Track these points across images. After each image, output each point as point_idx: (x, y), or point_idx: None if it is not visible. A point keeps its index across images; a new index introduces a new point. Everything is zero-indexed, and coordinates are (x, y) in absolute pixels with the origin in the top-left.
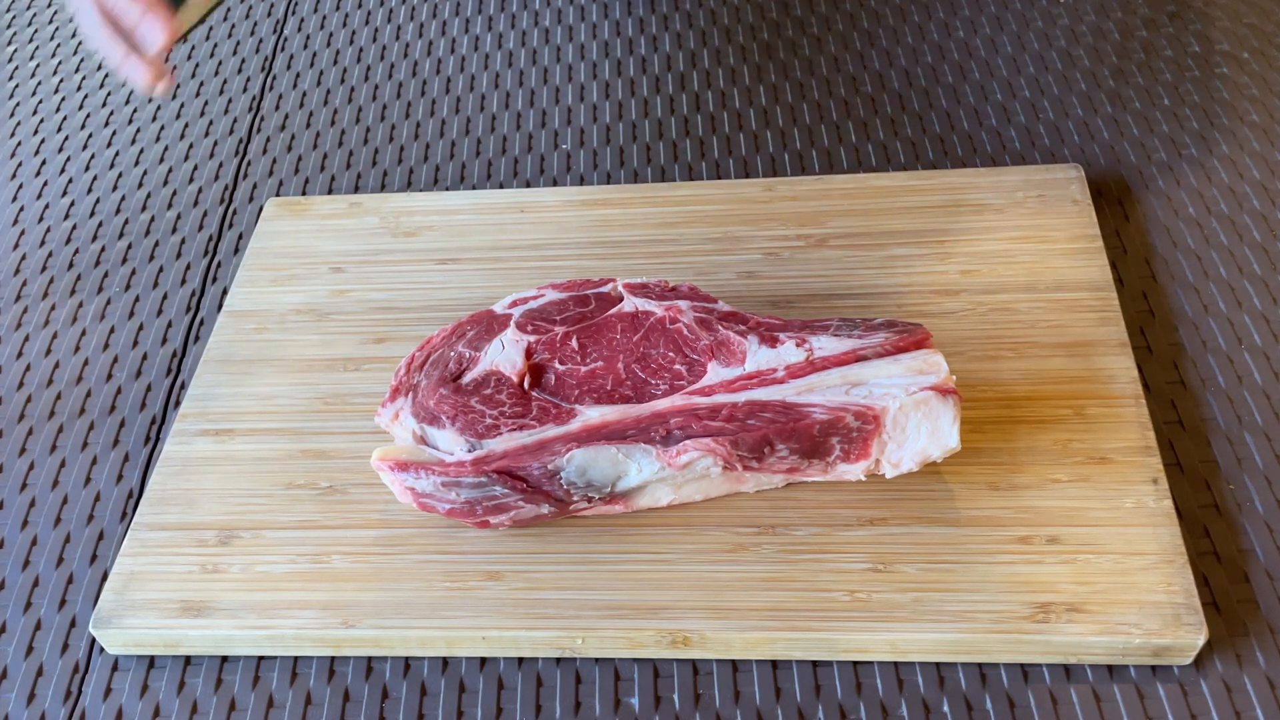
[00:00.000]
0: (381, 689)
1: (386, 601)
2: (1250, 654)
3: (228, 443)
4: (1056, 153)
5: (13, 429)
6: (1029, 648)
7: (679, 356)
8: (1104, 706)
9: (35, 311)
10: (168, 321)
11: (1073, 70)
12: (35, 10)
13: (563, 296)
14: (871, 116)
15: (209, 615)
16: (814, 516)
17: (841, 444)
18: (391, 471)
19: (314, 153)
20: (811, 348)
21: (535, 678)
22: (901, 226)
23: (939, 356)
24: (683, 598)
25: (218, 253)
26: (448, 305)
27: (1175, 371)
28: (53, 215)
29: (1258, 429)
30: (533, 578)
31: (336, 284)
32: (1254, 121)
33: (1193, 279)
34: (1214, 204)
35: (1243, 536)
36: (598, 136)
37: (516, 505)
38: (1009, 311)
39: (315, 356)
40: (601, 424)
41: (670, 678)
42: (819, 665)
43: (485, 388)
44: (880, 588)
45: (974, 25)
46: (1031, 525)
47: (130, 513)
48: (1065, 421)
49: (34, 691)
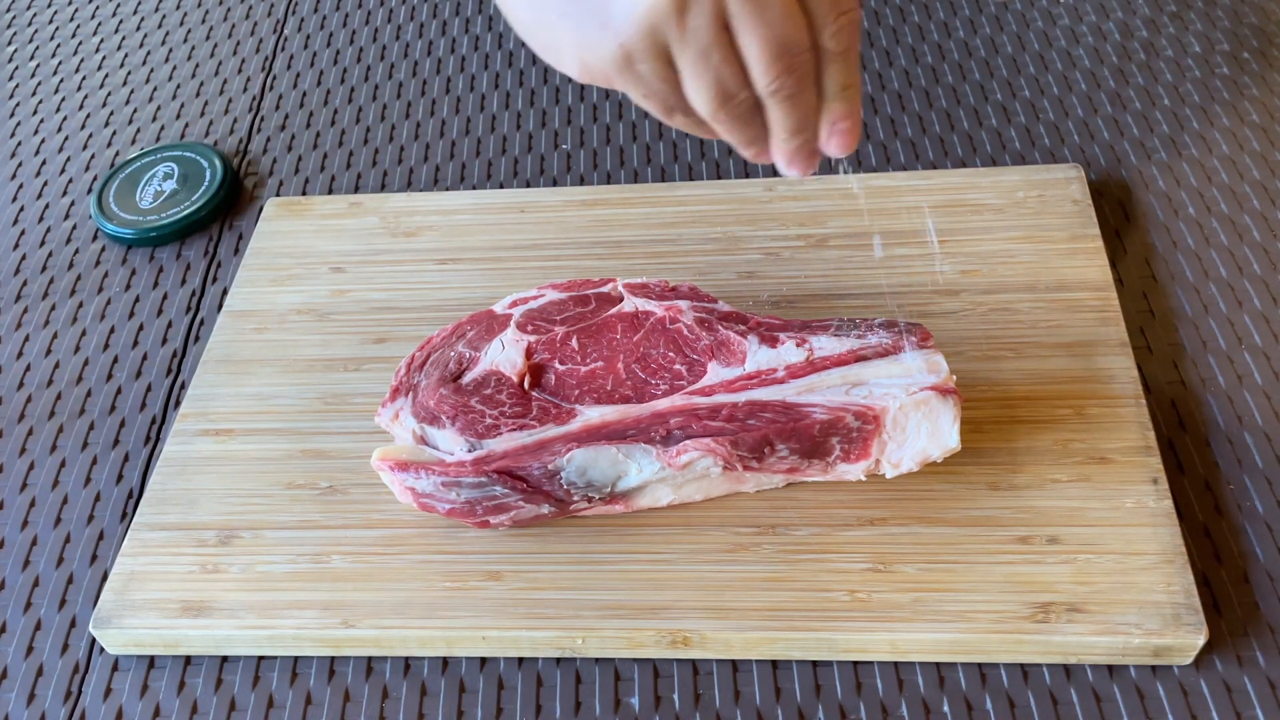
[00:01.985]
0: (381, 689)
1: (386, 601)
2: (1250, 654)
3: (228, 443)
4: (1056, 153)
5: (13, 429)
6: (1029, 648)
7: (679, 356)
8: (1104, 706)
9: (35, 311)
10: (168, 321)
11: (1073, 70)
12: (35, 10)
13: (563, 296)
14: (871, 116)
15: (209, 615)
16: (814, 516)
17: (841, 444)
18: (391, 471)
19: (314, 153)
20: (811, 348)
21: (535, 678)
22: (901, 226)
23: (939, 356)
24: (683, 598)
25: (218, 253)
26: (448, 305)
27: (1175, 371)
28: (53, 215)
29: (1258, 429)
30: (533, 578)
31: (336, 284)
32: (1254, 121)
33: (1193, 279)
34: (1214, 204)
35: (1243, 537)
36: (598, 136)
37: (516, 505)
38: (1009, 311)
39: (315, 356)
40: (601, 424)
41: (670, 678)
42: (819, 665)
43: (485, 388)
44: (880, 588)
45: (974, 25)
46: (1031, 525)
47: (130, 513)
48: (1065, 421)
49: (34, 691)
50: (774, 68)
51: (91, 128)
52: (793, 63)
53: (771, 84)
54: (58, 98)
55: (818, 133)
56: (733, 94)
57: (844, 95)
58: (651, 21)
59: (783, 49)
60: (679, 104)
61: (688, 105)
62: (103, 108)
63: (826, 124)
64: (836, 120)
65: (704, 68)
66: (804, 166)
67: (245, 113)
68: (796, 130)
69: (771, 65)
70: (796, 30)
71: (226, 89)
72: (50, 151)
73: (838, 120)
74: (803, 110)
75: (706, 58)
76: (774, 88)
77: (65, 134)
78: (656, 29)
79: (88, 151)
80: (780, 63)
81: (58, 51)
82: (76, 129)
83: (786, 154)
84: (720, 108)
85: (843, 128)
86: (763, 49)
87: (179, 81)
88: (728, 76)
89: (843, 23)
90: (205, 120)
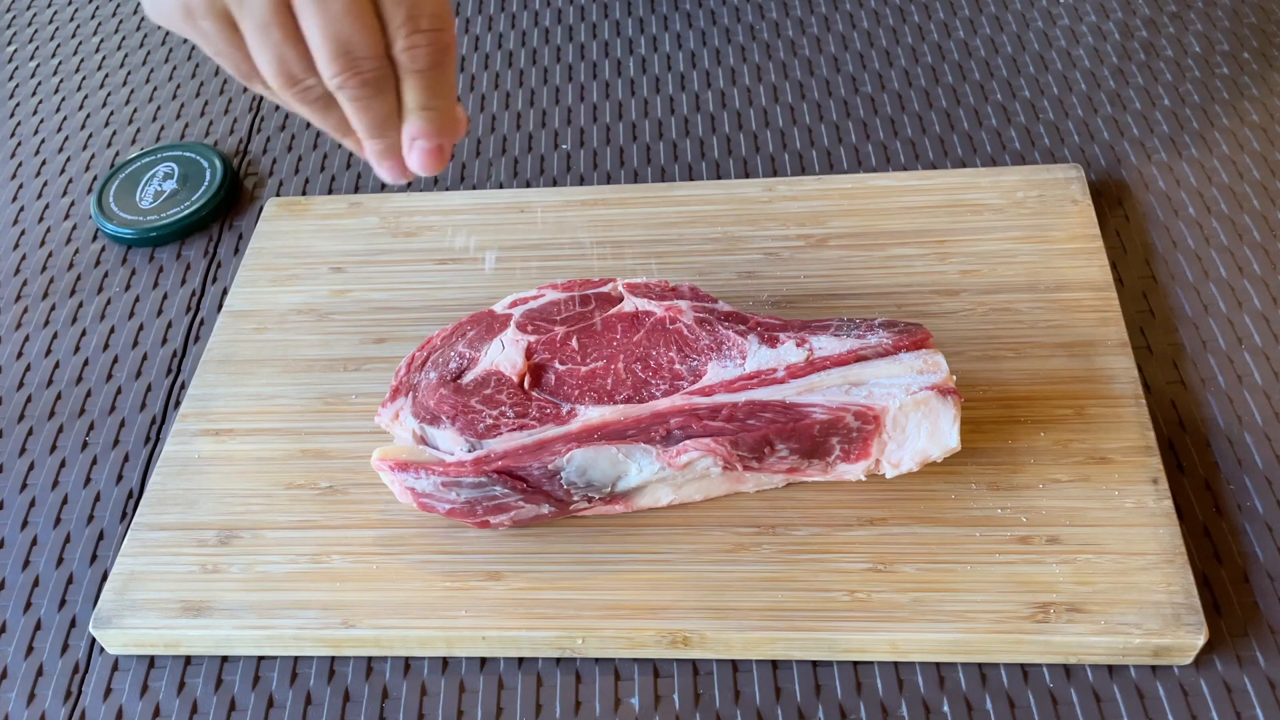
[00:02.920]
0: (381, 689)
1: (386, 601)
2: (1250, 654)
3: (228, 443)
4: (1056, 153)
5: (13, 429)
6: (1029, 648)
7: (679, 356)
8: (1104, 706)
9: (35, 311)
10: (168, 321)
11: (1073, 70)
12: (35, 10)
13: (563, 296)
14: (871, 116)
15: (209, 615)
16: (814, 516)
17: (841, 444)
18: (391, 471)
19: (314, 153)
20: (811, 348)
21: (535, 678)
22: (901, 226)
23: (939, 356)
24: (683, 598)
25: (218, 253)
26: (448, 305)
27: (1175, 371)
28: (53, 215)
29: (1258, 429)
30: (533, 578)
31: (336, 284)
32: (1254, 121)
33: (1193, 279)
34: (1214, 204)
35: (1243, 537)
36: (598, 136)
37: (516, 505)
38: (1009, 311)
39: (315, 356)
40: (601, 424)
41: (670, 678)
42: (819, 665)
43: (485, 388)
44: (880, 588)
45: (974, 25)
46: (1031, 525)
47: (130, 513)
48: (1065, 421)
49: (34, 691)
50: (334, 65)
51: (91, 128)
52: (355, 64)
53: (333, 79)
54: (58, 98)
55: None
56: (298, 77)
57: (422, 114)
58: None
59: (342, 48)
60: (251, 72)
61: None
62: (103, 108)
63: (406, 139)
64: (414, 137)
65: (264, 42)
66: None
67: (245, 113)
68: (373, 133)
69: (331, 62)
70: (360, 33)
71: (226, 89)
72: (50, 151)
73: (415, 137)
74: (376, 115)
75: (266, 32)
76: (336, 83)
77: (65, 134)
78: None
79: (88, 151)
80: (339, 61)
81: (58, 51)
82: (76, 129)
83: (370, 153)
84: (286, 87)
85: (422, 146)
86: (323, 41)
87: (179, 81)
88: (291, 58)
89: (416, 40)
90: (205, 120)
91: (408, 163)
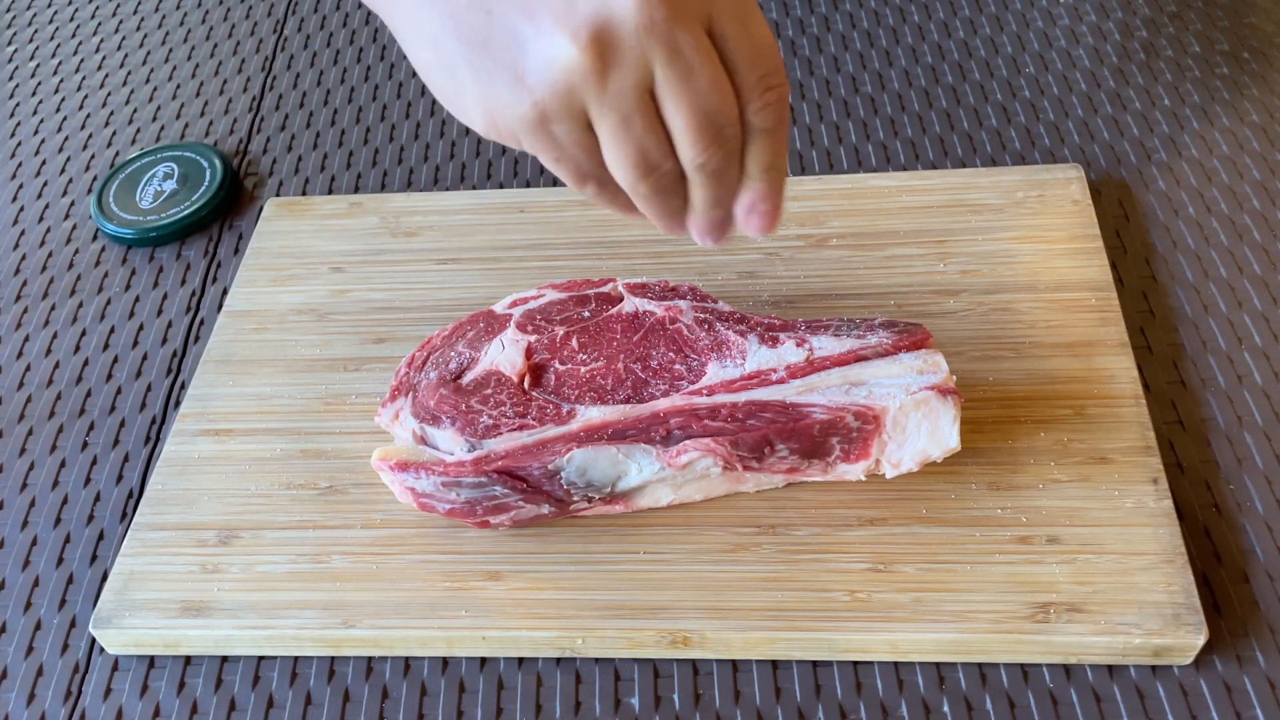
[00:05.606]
0: (381, 689)
1: (386, 601)
2: (1250, 654)
3: (228, 443)
4: (1056, 153)
5: (13, 429)
6: (1029, 648)
7: (679, 356)
8: (1104, 706)
9: (35, 311)
10: (168, 321)
11: (1073, 70)
12: (35, 10)
13: (563, 296)
14: (871, 116)
15: (209, 615)
16: (814, 516)
17: (841, 444)
18: (391, 471)
19: (314, 153)
20: (812, 348)
21: (535, 678)
22: (901, 226)
23: (939, 356)
24: (683, 598)
25: (218, 253)
26: (448, 305)
27: (1175, 371)
28: (53, 215)
29: (1258, 429)
30: (533, 578)
31: (336, 284)
32: (1254, 121)
33: (1193, 279)
34: (1214, 204)
35: (1243, 537)
36: None
37: (516, 505)
38: (1009, 311)
39: (315, 356)
40: (601, 424)
41: (670, 678)
42: (819, 665)
43: (485, 388)
44: (880, 588)
45: (974, 25)
46: (1031, 525)
47: (130, 513)
48: (1065, 421)
49: (34, 691)
50: (701, 139)
51: (91, 128)
52: (720, 135)
53: (698, 157)
54: (58, 98)
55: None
56: (656, 165)
57: (767, 176)
58: (570, 81)
59: (710, 121)
60: (595, 172)
61: (605, 174)
62: (103, 108)
63: (745, 203)
64: (757, 201)
65: (625, 135)
66: (720, 236)
67: (245, 113)
68: (720, 204)
69: (699, 137)
70: (724, 102)
71: (226, 89)
72: (50, 151)
73: (758, 201)
74: (727, 185)
75: (629, 125)
76: (700, 160)
77: (65, 134)
78: (575, 89)
79: (88, 151)
80: (707, 135)
81: (58, 51)
82: (76, 129)
83: (704, 226)
84: (642, 179)
85: (763, 209)
86: (690, 119)
87: (179, 81)
88: (651, 146)
89: (769, 99)
90: (205, 120)
91: (745, 229)
